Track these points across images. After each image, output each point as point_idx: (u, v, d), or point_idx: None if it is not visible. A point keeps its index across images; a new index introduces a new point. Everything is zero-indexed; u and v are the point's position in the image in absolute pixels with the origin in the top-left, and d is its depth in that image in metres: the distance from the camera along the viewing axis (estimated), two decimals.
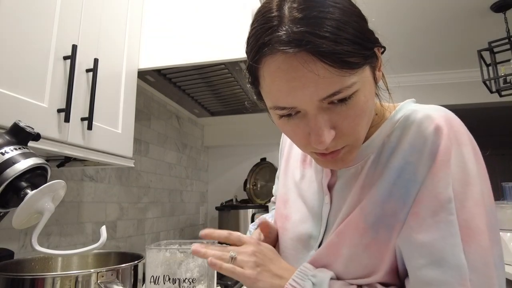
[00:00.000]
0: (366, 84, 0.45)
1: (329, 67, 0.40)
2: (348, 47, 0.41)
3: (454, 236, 0.43)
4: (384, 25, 2.67)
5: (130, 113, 1.10)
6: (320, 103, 0.43)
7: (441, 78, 3.61)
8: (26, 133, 0.56)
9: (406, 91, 3.66)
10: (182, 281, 0.66)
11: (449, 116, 0.50)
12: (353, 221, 0.51)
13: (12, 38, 0.69)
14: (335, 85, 0.42)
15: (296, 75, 0.41)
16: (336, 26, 0.41)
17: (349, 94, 0.43)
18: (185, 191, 2.23)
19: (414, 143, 0.48)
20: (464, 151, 0.46)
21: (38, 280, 0.61)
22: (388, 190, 0.49)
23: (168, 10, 1.27)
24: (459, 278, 0.42)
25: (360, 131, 0.48)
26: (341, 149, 0.48)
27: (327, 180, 0.58)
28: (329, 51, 0.40)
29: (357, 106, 0.45)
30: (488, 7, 2.41)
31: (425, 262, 0.44)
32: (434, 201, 0.45)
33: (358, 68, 0.43)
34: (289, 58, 0.41)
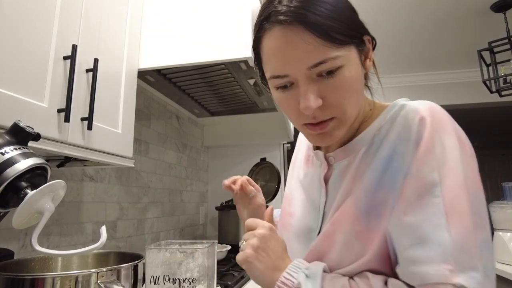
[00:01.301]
0: (351, 62, 0.51)
1: (316, 38, 0.48)
2: (334, 24, 0.48)
3: (438, 216, 0.45)
4: (384, 26, 2.67)
5: (130, 113, 1.10)
6: (309, 71, 0.50)
7: (441, 78, 3.61)
8: (26, 133, 0.57)
9: (406, 91, 3.66)
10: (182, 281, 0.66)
11: (433, 107, 0.53)
12: (347, 209, 0.54)
13: (12, 38, 0.69)
14: (320, 54, 0.48)
15: (289, 43, 0.49)
16: (327, 7, 0.49)
17: (335, 66, 0.49)
18: (185, 191, 2.23)
19: (401, 134, 0.52)
20: (447, 139, 0.49)
21: (38, 280, 0.61)
22: (378, 179, 0.52)
23: (168, 10, 1.27)
24: (442, 255, 0.43)
25: (347, 106, 0.52)
26: (328, 122, 0.53)
27: (323, 173, 0.63)
28: (318, 23, 0.47)
29: (343, 81, 0.50)
30: (488, 7, 2.41)
31: (411, 241, 0.46)
32: (420, 185, 0.48)
33: (342, 44, 0.49)
34: (284, 29, 0.49)
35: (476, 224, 0.45)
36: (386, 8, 2.41)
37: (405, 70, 3.56)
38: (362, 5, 2.48)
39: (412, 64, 3.40)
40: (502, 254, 1.85)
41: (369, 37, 0.57)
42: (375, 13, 2.47)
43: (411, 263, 0.46)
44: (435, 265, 0.43)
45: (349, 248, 0.53)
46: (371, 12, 2.45)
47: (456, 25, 2.65)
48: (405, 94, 3.64)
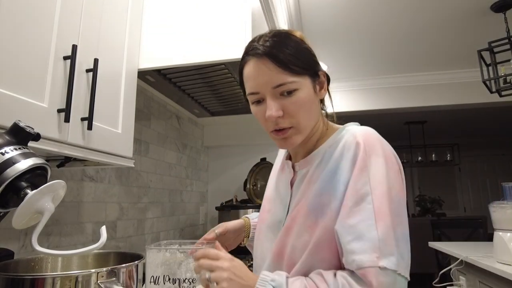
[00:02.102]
0: (305, 88, 0.70)
1: (277, 67, 0.67)
2: (292, 60, 0.68)
3: (370, 218, 0.62)
4: (385, 26, 2.67)
5: (130, 113, 1.10)
6: (273, 90, 0.68)
7: (441, 78, 3.61)
8: (26, 133, 0.57)
9: (406, 91, 3.66)
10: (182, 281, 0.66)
11: (368, 134, 0.70)
12: (301, 208, 0.71)
13: (12, 38, 0.69)
14: (280, 79, 0.68)
15: (259, 70, 0.69)
16: (289, 49, 0.69)
17: (292, 88, 0.68)
18: (185, 191, 2.23)
19: (343, 153, 0.70)
20: (376, 159, 0.66)
21: (38, 280, 0.61)
22: (324, 186, 0.69)
23: (168, 10, 1.27)
24: (372, 247, 0.60)
25: (300, 118, 0.70)
26: (288, 129, 0.70)
27: (290, 177, 0.80)
28: (280, 58, 0.68)
29: (298, 100, 0.69)
30: (488, 7, 2.41)
31: (351, 238, 0.62)
32: (357, 195, 0.64)
33: (297, 73, 0.68)
34: (257, 60, 0.69)
35: (394, 223, 0.62)
36: (387, 9, 2.41)
37: (405, 70, 3.56)
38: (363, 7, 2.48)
39: (412, 64, 3.40)
40: (502, 254, 1.84)
41: (323, 72, 0.75)
42: (376, 13, 2.47)
43: (351, 254, 0.61)
44: (367, 255, 0.59)
45: (300, 237, 0.69)
46: (372, 12, 2.45)
47: (456, 25, 2.65)
48: (405, 94, 3.64)
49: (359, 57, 3.17)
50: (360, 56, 3.14)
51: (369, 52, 3.06)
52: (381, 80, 3.66)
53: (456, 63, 3.37)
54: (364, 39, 2.82)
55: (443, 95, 3.59)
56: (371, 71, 3.52)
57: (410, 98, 3.66)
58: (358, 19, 2.53)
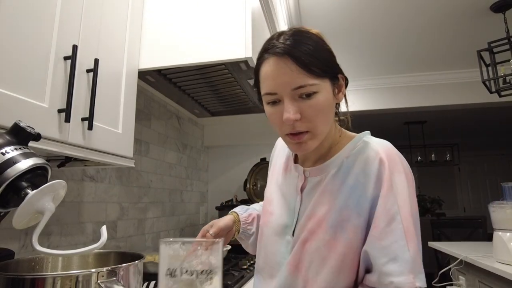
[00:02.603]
0: (325, 91, 0.67)
1: (299, 68, 0.64)
2: (313, 60, 0.65)
3: (402, 239, 0.63)
4: (385, 26, 2.67)
5: (130, 113, 1.10)
6: (292, 92, 0.65)
7: (441, 78, 3.61)
8: (27, 133, 0.57)
9: (407, 91, 3.66)
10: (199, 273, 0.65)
11: (389, 149, 0.70)
12: (320, 222, 0.69)
13: (12, 39, 0.69)
14: (301, 80, 0.64)
15: (280, 69, 0.65)
16: (309, 48, 0.66)
17: (311, 91, 0.65)
18: (185, 191, 2.24)
19: (364, 169, 0.68)
20: (399, 177, 0.67)
21: (38, 280, 0.61)
22: (344, 201, 0.68)
23: (168, 11, 1.27)
24: (408, 268, 0.61)
25: (318, 123, 0.68)
26: (304, 134, 0.68)
27: (300, 183, 0.77)
28: (301, 58, 0.64)
29: (317, 103, 0.66)
30: (488, 7, 2.41)
31: (386, 259, 0.62)
32: (387, 215, 0.64)
33: (318, 76, 0.65)
34: (277, 59, 0.66)
35: (418, 241, 0.64)
36: (386, 9, 2.41)
37: (405, 70, 3.56)
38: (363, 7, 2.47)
39: (412, 64, 3.40)
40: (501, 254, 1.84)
41: (343, 76, 0.73)
42: (376, 14, 2.47)
43: (389, 276, 0.62)
44: (405, 276, 0.61)
45: (318, 251, 0.68)
46: (372, 13, 2.45)
47: (456, 25, 2.65)
48: (406, 93, 3.64)
49: (359, 57, 3.17)
50: (360, 56, 3.14)
51: (368, 52, 3.06)
52: (380, 80, 3.66)
53: (455, 63, 3.37)
54: (364, 39, 2.82)
55: (443, 95, 3.59)
56: (371, 71, 3.52)
57: (410, 98, 3.66)
58: (357, 19, 2.53)
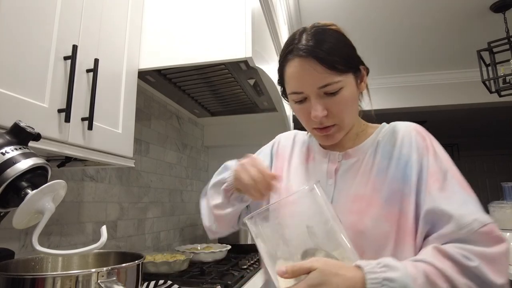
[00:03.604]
0: (349, 85, 0.70)
1: (324, 68, 0.67)
2: (337, 59, 0.68)
3: (461, 189, 0.65)
4: (386, 27, 2.67)
5: (130, 113, 1.11)
6: (318, 91, 0.68)
7: (441, 78, 3.61)
8: (27, 133, 0.57)
9: (407, 91, 3.66)
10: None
11: (420, 127, 0.75)
12: (370, 200, 0.69)
13: (12, 38, 0.69)
14: (326, 79, 0.68)
15: (305, 70, 0.68)
16: (331, 46, 0.69)
17: (337, 88, 0.68)
18: (185, 191, 2.24)
19: (403, 141, 0.72)
20: (439, 145, 0.73)
21: (38, 280, 0.61)
22: (392, 174, 0.70)
23: (168, 10, 1.27)
24: (480, 208, 0.63)
25: (345, 116, 0.71)
26: (331, 127, 0.71)
27: (333, 167, 0.77)
28: (325, 58, 0.67)
29: (343, 98, 0.69)
30: (488, 7, 2.41)
31: (458, 205, 0.63)
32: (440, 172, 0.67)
33: (342, 72, 0.68)
34: (302, 60, 0.69)
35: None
36: (387, 10, 2.41)
37: (405, 70, 3.56)
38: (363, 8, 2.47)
39: (412, 64, 3.40)
40: None
41: (364, 66, 0.76)
42: (376, 14, 2.47)
43: (469, 215, 0.61)
44: (481, 213, 0.62)
45: (378, 229, 0.66)
46: (372, 13, 2.45)
47: (456, 25, 2.66)
48: (406, 93, 3.64)
49: None
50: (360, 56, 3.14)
51: (368, 52, 3.06)
52: (380, 80, 3.66)
53: (455, 63, 3.37)
54: (364, 40, 2.82)
55: (443, 95, 3.59)
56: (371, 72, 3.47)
57: (410, 98, 3.66)
58: (357, 19, 2.53)
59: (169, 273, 1.39)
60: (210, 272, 1.45)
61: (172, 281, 1.24)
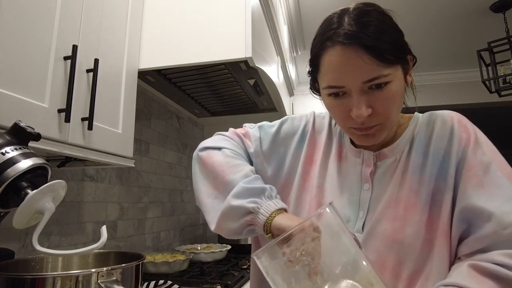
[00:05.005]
0: (397, 79, 0.59)
1: (372, 58, 0.55)
2: (386, 47, 0.56)
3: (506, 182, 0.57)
4: None
5: (130, 113, 1.10)
6: (362, 85, 0.57)
7: (441, 78, 3.61)
8: (27, 133, 0.57)
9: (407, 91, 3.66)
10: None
11: (460, 115, 0.66)
12: (408, 205, 0.61)
13: (12, 39, 0.69)
14: (374, 72, 0.56)
15: (348, 60, 0.57)
16: (379, 31, 0.57)
17: (384, 82, 0.57)
18: (185, 191, 2.23)
19: (440, 133, 0.64)
20: (482, 134, 0.64)
21: (38, 280, 0.61)
22: (429, 172, 0.62)
23: (168, 11, 1.27)
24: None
25: (391, 114, 0.61)
26: (373, 126, 0.60)
27: (368, 170, 0.67)
28: (373, 46, 0.55)
29: (390, 94, 0.58)
30: (488, 7, 2.41)
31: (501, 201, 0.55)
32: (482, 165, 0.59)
33: (392, 64, 0.57)
34: (344, 48, 0.57)
35: None
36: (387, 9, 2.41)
37: None
38: None
39: None
40: None
41: (411, 56, 0.65)
42: None
43: None
44: None
45: (419, 237, 0.59)
46: None
47: (456, 25, 2.65)
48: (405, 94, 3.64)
49: None
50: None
51: None
52: None
53: (455, 63, 3.37)
54: None
55: (443, 95, 3.59)
56: None
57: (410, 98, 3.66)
58: None
59: (169, 273, 1.39)
60: (210, 272, 1.45)
61: (172, 281, 1.24)
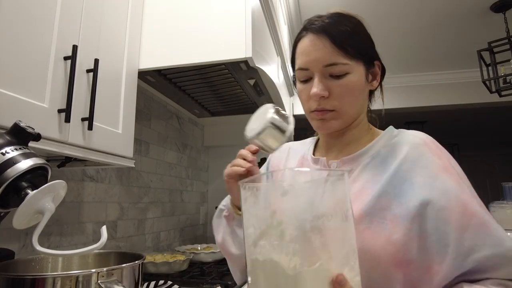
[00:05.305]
0: (357, 73, 0.67)
1: (333, 46, 0.65)
2: (349, 40, 0.66)
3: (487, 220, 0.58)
4: (386, 27, 2.67)
5: (130, 113, 1.10)
6: (323, 69, 0.66)
7: (441, 78, 3.61)
8: (27, 133, 0.57)
9: (407, 91, 3.66)
10: None
11: (432, 139, 0.69)
12: (354, 210, 0.61)
13: (12, 39, 0.69)
14: (333, 58, 0.65)
15: (314, 45, 0.67)
16: (347, 29, 0.67)
17: (343, 71, 0.65)
18: (185, 191, 2.23)
19: (407, 156, 0.65)
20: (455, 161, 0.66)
21: (38, 280, 0.61)
22: (383, 188, 0.63)
23: (168, 10, 1.27)
24: None
25: (345, 103, 0.67)
26: (329, 112, 0.67)
27: None
28: (336, 36, 0.65)
29: (347, 84, 0.66)
30: (488, 7, 2.41)
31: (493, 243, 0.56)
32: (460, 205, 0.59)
33: (352, 57, 0.65)
34: (313, 36, 0.67)
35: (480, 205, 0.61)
36: (387, 9, 2.41)
37: (405, 70, 3.55)
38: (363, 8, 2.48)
39: (412, 64, 3.40)
40: None
41: (379, 63, 0.72)
42: (376, 14, 2.47)
43: None
44: None
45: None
46: (372, 13, 2.45)
47: (456, 25, 2.66)
48: (406, 94, 3.64)
49: None
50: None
51: None
52: None
53: (455, 63, 3.37)
54: None
55: (443, 95, 3.59)
56: None
57: (410, 98, 3.66)
58: None
59: (169, 273, 1.39)
60: (210, 272, 1.45)
61: (172, 282, 1.24)
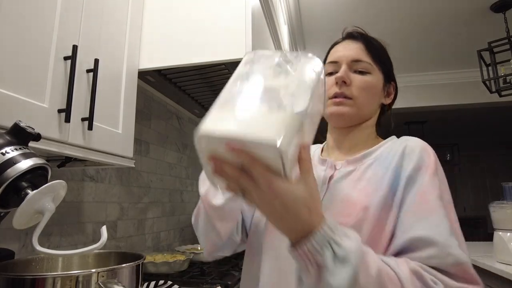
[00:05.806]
0: (376, 77, 0.77)
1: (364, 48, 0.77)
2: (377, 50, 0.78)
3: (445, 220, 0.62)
4: (384, 26, 2.67)
5: (130, 113, 1.10)
6: (350, 63, 0.76)
7: (441, 78, 3.61)
8: (27, 133, 0.57)
9: (407, 91, 3.66)
10: None
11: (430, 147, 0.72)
12: (356, 203, 0.68)
13: (12, 38, 0.69)
14: (361, 56, 0.76)
15: (349, 45, 0.79)
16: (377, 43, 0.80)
17: (366, 69, 0.76)
18: (186, 191, 2.24)
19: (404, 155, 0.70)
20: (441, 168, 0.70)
21: (38, 280, 0.61)
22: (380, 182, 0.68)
23: (168, 11, 1.27)
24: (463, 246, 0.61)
25: (360, 95, 0.75)
26: (346, 99, 0.75)
27: (329, 174, 0.76)
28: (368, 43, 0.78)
29: (366, 81, 0.75)
30: (488, 7, 2.41)
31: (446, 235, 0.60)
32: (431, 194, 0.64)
33: (376, 61, 0.77)
34: (349, 40, 0.80)
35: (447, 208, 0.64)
36: (387, 10, 2.41)
37: (405, 71, 3.56)
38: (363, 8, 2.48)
39: (412, 64, 3.40)
40: (502, 254, 1.84)
41: (395, 84, 0.83)
42: (376, 14, 2.47)
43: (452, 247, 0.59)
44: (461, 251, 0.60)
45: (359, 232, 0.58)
46: (372, 13, 2.45)
47: (456, 25, 2.66)
48: (405, 94, 3.64)
49: None
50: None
51: None
52: None
53: (456, 63, 3.37)
54: None
55: (443, 95, 3.59)
56: None
57: (410, 98, 3.66)
58: (357, 19, 2.53)
59: (169, 273, 1.39)
60: (210, 272, 1.45)
61: (172, 282, 1.24)
